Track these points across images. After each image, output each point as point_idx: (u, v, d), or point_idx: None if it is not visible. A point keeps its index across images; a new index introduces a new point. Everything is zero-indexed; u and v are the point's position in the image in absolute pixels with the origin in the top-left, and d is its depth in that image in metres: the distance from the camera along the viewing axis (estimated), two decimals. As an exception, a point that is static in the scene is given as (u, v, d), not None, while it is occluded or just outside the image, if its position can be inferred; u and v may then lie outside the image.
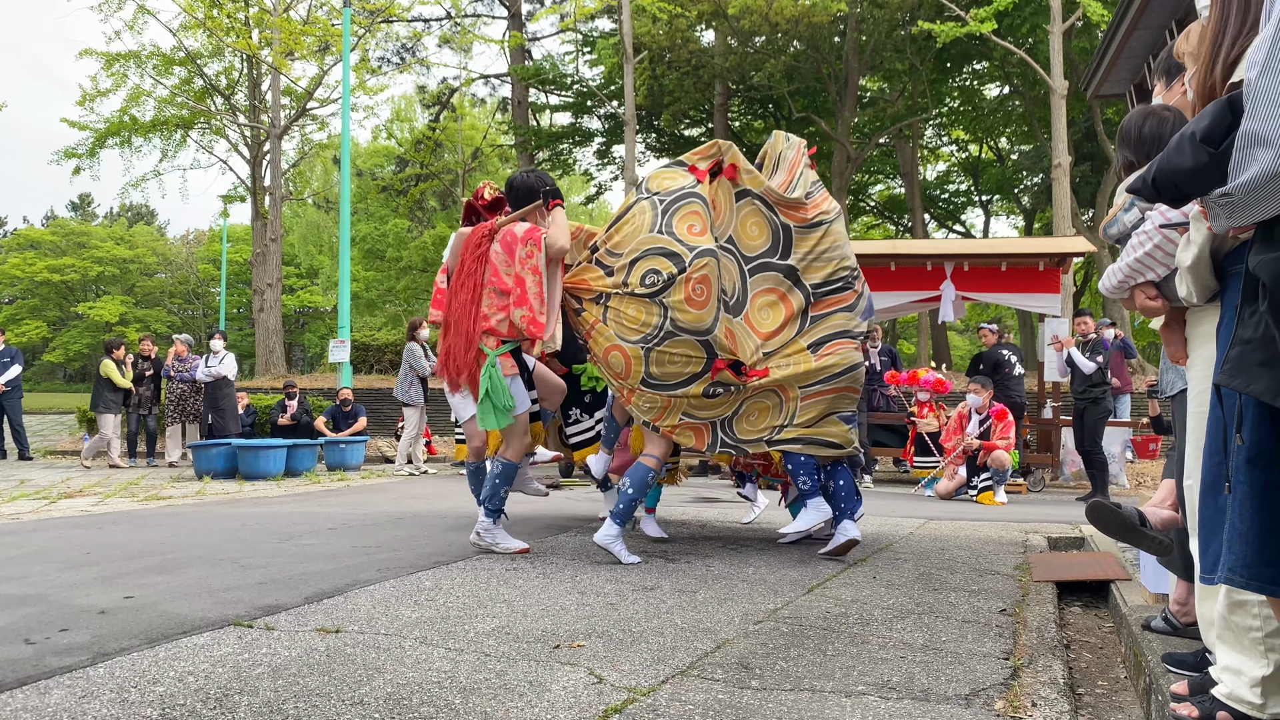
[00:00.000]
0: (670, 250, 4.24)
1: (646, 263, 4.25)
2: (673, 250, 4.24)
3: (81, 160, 24.61)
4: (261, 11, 22.76)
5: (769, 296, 4.66)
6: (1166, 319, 2.52)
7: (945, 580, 4.23)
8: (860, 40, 22.52)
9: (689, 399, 4.41)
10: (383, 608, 3.39)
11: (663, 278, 4.21)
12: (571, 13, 23.89)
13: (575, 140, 28.64)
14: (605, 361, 4.41)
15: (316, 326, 46.26)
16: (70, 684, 2.45)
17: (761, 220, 4.69)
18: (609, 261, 4.37)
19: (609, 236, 4.43)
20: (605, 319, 4.34)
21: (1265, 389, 1.64)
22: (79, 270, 47.36)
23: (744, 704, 2.38)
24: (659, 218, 4.33)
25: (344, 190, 16.03)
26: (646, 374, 4.33)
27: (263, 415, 13.82)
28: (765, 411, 4.58)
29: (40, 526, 5.93)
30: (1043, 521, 6.91)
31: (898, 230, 33.26)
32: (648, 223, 4.33)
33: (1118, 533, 2.89)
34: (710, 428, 4.54)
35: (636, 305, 4.27)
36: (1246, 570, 1.72)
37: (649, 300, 4.23)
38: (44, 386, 49.33)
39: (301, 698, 2.35)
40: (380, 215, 35.34)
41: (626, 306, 4.29)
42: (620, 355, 4.33)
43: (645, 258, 4.26)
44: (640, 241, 4.30)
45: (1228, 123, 1.61)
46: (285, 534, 5.50)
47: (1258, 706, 2.02)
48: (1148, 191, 1.84)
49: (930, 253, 11.23)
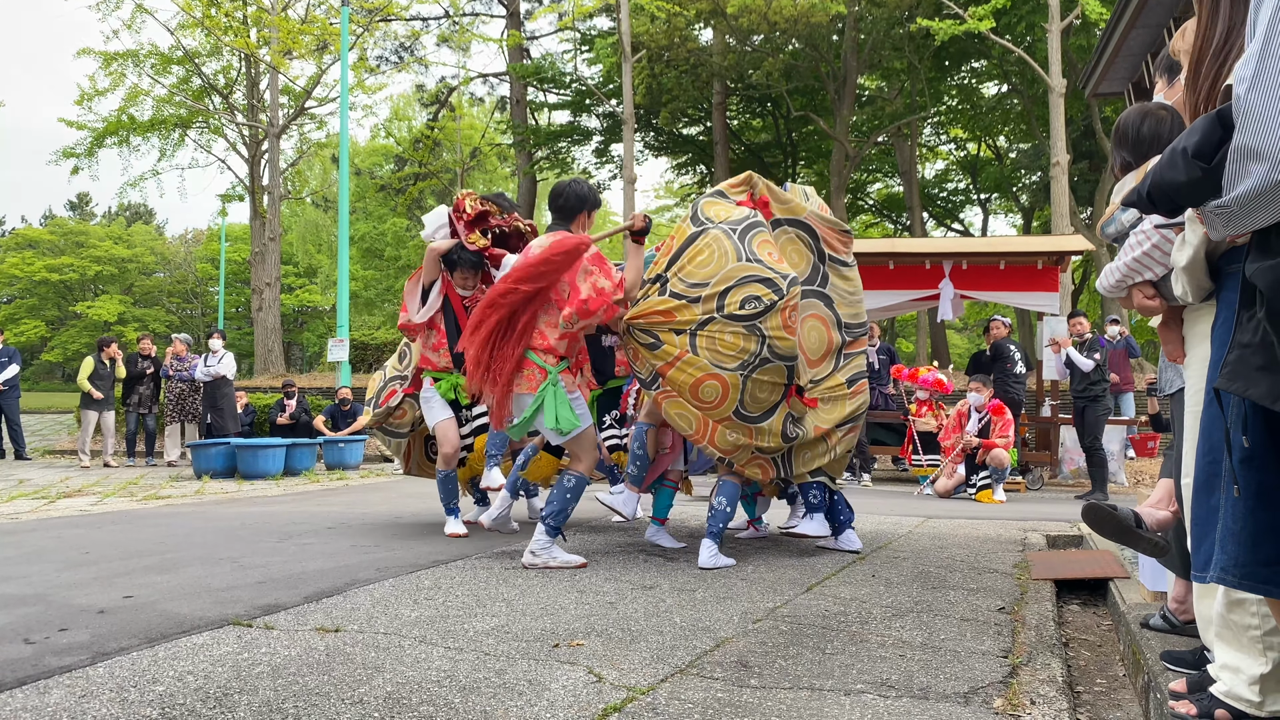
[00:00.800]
0: (766, 277, 4.24)
1: (743, 290, 4.21)
2: (768, 277, 4.24)
3: (79, 160, 24.60)
4: (260, 10, 22.74)
5: (814, 321, 4.74)
6: (1164, 318, 2.52)
7: (944, 578, 4.24)
8: (859, 39, 22.52)
9: (767, 433, 4.36)
10: (382, 607, 3.39)
11: (763, 304, 4.19)
12: (570, 11, 23.89)
13: (573, 139, 28.64)
14: (694, 393, 4.24)
15: (315, 326, 46.24)
16: (70, 684, 2.45)
17: (801, 248, 4.83)
18: (689, 292, 4.25)
19: (680, 266, 4.35)
20: (696, 349, 4.21)
21: (1264, 393, 1.65)
22: (77, 270, 47.31)
23: (743, 702, 2.38)
24: (740, 246, 4.32)
25: (342, 189, 16.03)
26: (740, 404, 4.25)
27: (261, 414, 13.82)
28: (815, 446, 4.68)
29: (39, 526, 5.93)
30: (1041, 520, 6.92)
31: (896, 229, 33.26)
32: (731, 251, 4.30)
33: (1113, 534, 2.90)
34: (773, 463, 4.58)
35: (734, 332, 4.20)
36: (1239, 570, 1.72)
37: (748, 328, 4.19)
38: (42, 386, 49.25)
39: (301, 697, 2.35)
40: (379, 214, 35.36)
41: (723, 333, 4.20)
42: (718, 384, 4.21)
43: (741, 285, 4.22)
44: (731, 270, 4.25)
45: (1218, 136, 1.64)
46: (284, 533, 5.50)
47: (1256, 704, 2.03)
48: (1143, 205, 1.86)
49: (929, 251, 11.23)
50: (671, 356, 4.24)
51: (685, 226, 4.50)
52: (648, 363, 4.33)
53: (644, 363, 4.35)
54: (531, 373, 4.26)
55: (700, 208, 4.59)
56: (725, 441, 4.32)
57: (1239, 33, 1.90)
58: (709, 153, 27.59)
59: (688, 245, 4.40)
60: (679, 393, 4.27)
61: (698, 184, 32.17)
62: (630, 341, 4.38)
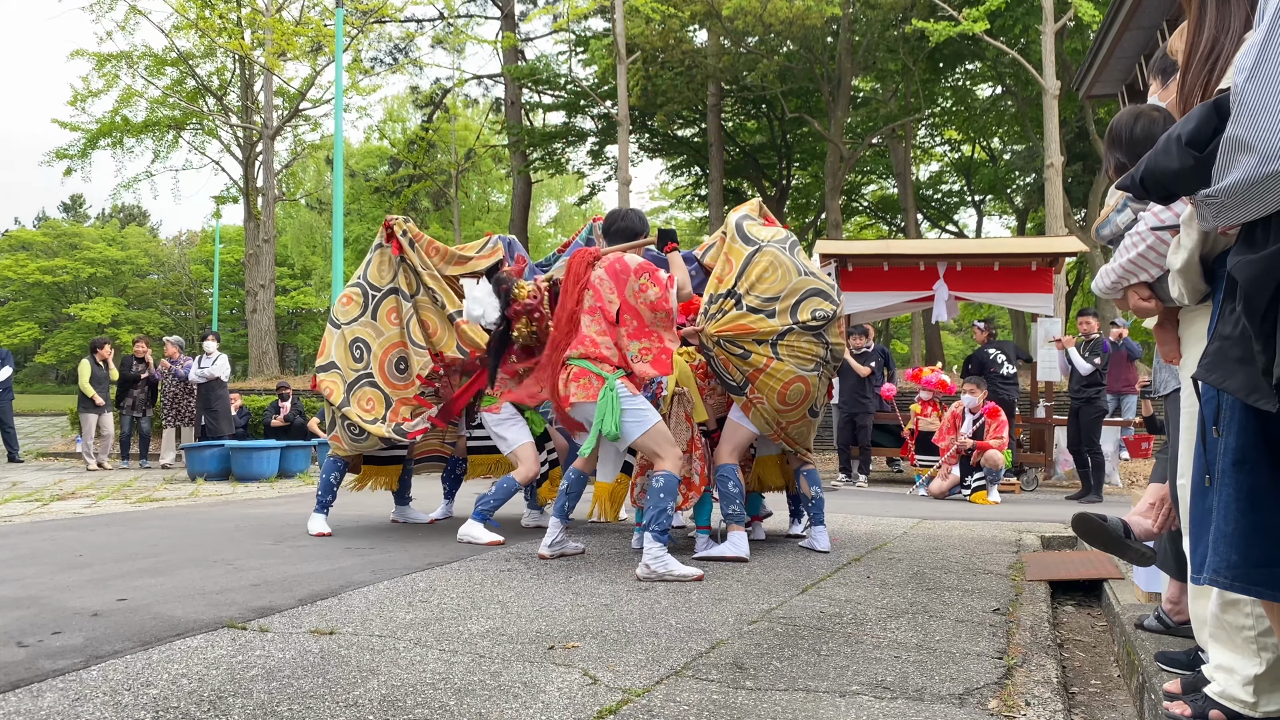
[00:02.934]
0: (824, 290, 4.73)
1: (811, 303, 4.68)
2: (825, 290, 4.74)
3: (73, 161, 24.51)
4: (254, 12, 22.70)
5: None
6: (1160, 319, 2.53)
7: (939, 580, 4.24)
8: (853, 40, 22.56)
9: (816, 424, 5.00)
10: (377, 609, 3.39)
11: (828, 314, 4.69)
12: (564, 13, 23.90)
13: (568, 140, 28.62)
14: (782, 397, 4.68)
15: (310, 327, 46.17)
16: (63, 687, 2.44)
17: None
18: (764, 306, 4.65)
19: (750, 284, 4.68)
20: (780, 356, 4.64)
21: (1240, 385, 1.65)
22: (71, 272, 47.19)
23: (738, 704, 2.38)
24: (795, 262, 4.75)
25: (337, 191, 15.99)
26: (815, 402, 4.82)
27: (256, 416, 13.78)
28: None
29: (33, 529, 5.91)
30: (1036, 521, 6.93)
31: (891, 230, 33.33)
32: (791, 267, 4.71)
33: (1102, 544, 2.92)
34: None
35: (809, 340, 4.68)
36: (1231, 571, 1.73)
37: (817, 336, 4.68)
38: (35, 388, 49.15)
39: (295, 700, 2.35)
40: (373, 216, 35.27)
41: (800, 341, 4.66)
42: (803, 385, 4.70)
43: (809, 298, 4.68)
44: (796, 284, 4.68)
45: (1214, 125, 1.64)
46: (279, 535, 5.49)
47: (1250, 705, 2.03)
48: (1137, 190, 1.86)
49: (923, 253, 11.24)
50: (760, 365, 4.65)
51: (738, 246, 4.85)
52: (739, 370, 4.70)
53: (735, 370, 4.72)
54: (588, 381, 4.28)
55: (745, 228, 4.95)
56: (805, 429, 4.91)
57: (1226, 38, 1.91)
58: (704, 154, 27.61)
59: (749, 263, 4.74)
60: (766, 398, 4.70)
61: (692, 185, 32.20)
62: (721, 352, 4.70)
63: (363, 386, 5.45)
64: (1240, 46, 1.88)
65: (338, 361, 5.49)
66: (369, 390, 5.45)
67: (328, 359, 5.52)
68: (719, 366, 4.76)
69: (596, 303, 4.39)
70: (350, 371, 5.47)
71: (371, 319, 5.53)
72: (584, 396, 4.27)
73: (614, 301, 4.38)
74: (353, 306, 5.58)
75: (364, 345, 5.50)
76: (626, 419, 4.21)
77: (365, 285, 5.61)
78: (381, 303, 5.56)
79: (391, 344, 5.52)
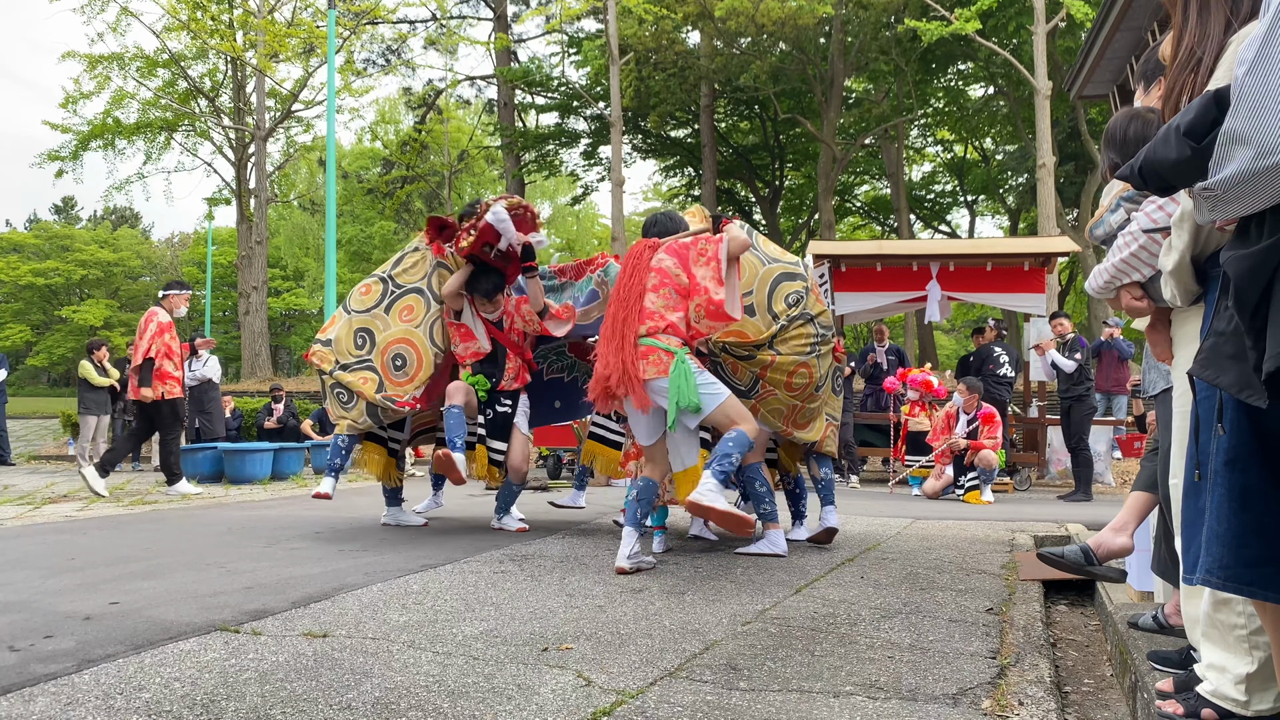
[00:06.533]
0: (790, 271, 4.84)
1: (784, 288, 4.79)
2: (790, 270, 4.84)
3: (64, 163, 24.45)
4: (246, 14, 22.66)
5: None
6: (1152, 319, 2.53)
7: (932, 580, 4.25)
8: (845, 41, 22.59)
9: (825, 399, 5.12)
10: (370, 612, 3.38)
11: (801, 293, 4.79)
12: (557, 14, 23.88)
13: (561, 141, 28.65)
14: (788, 387, 4.79)
15: (303, 329, 46.07)
16: (55, 691, 2.43)
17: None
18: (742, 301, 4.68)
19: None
20: (779, 351, 4.74)
21: (1232, 382, 1.66)
22: (63, 274, 47.03)
23: (732, 705, 2.38)
24: (756, 252, 4.88)
25: (329, 192, 15.95)
26: (819, 379, 4.90)
27: (249, 418, 13.76)
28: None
29: (24, 532, 5.89)
30: (1029, 520, 6.94)
31: (883, 231, 33.38)
32: (755, 260, 4.85)
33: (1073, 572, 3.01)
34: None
35: (798, 327, 4.76)
36: (1223, 571, 1.73)
37: (803, 317, 4.76)
38: (27, 391, 48.91)
39: (289, 703, 2.34)
40: (366, 217, 35.26)
41: (792, 331, 4.75)
42: (806, 370, 4.80)
43: (779, 284, 4.80)
44: (764, 275, 4.82)
45: (1213, 116, 1.64)
46: (271, 538, 5.48)
47: (1242, 703, 2.04)
48: (1135, 179, 1.87)
49: (916, 253, 11.27)
50: (766, 361, 4.76)
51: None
52: (747, 371, 4.81)
53: (744, 373, 4.83)
54: (658, 358, 4.31)
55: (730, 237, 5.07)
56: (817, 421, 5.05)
57: (1208, 44, 1.92)
58: (697, 155, 27.65)
59: None
60: (775, 389, 4.81)
61: (685, 186, 32.22)
62: (727, 357, 4.82)
63: (357, 370, 5.56)
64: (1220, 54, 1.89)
65: (338, 344, 5.62)
66: (365, 372, 5.56)
67: (329, 336, 5.66)
68: (727, 373, 4.84)
69: (665, 281, 4.43)
70: (348, 356, 5.58)
71: (384, 313, 5.65)
72: (656, 372, 4.28)
73: (681, 276, 4.44)
74: (369, 297, 5.72)
75: (368, 335, 5.61)
76: (702, 392, 4.25)
77: (389, 280, 5.75)
78: (399, 299, 5.68)
79: (395, 339, 5.60)
